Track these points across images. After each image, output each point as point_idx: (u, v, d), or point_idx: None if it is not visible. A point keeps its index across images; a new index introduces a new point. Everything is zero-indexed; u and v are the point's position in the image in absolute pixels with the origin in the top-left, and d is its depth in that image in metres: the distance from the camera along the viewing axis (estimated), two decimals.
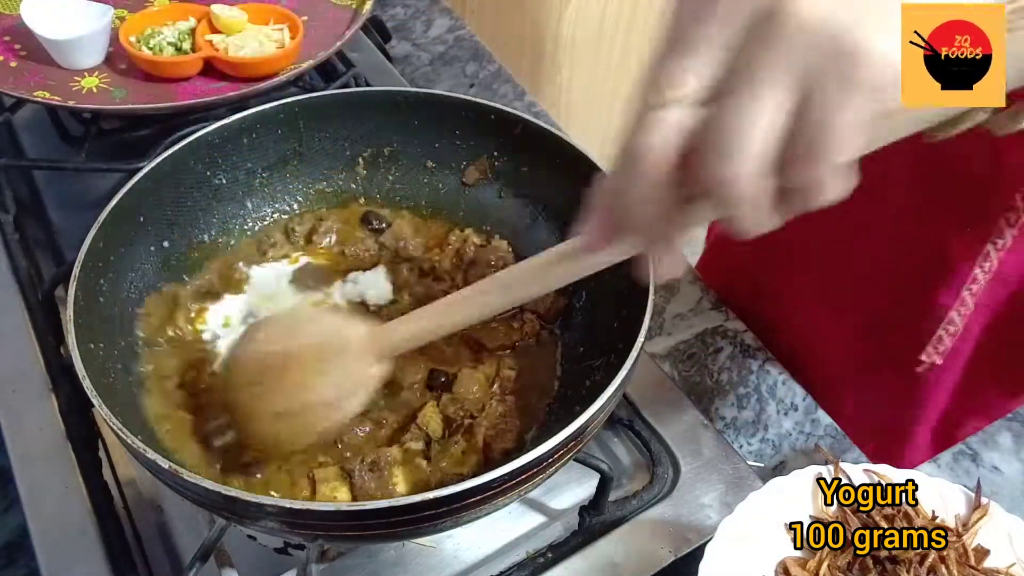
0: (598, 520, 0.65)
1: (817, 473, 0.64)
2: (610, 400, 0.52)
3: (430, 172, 0.77)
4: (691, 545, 0.64)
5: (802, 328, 0.87)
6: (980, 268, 0.72)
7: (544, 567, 0.63)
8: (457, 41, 1.18)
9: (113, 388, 0.57)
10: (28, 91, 0.87)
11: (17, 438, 0.68)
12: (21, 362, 0.74)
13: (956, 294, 0.74)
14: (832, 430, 0.77)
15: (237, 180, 0.72)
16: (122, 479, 0.69)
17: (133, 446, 0.49)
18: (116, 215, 0.62)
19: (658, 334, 0.83)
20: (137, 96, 0.89)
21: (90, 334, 0.56)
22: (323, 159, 0.76)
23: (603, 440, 0.73)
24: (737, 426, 0.77)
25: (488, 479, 0.47)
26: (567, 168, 0.69)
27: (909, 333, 0.78)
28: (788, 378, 0.81)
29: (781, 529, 0.62)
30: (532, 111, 1.07)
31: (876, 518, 0.61)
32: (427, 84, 1.11)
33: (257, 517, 0.50)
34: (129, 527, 0.65)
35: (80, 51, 0.90)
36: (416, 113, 0.74)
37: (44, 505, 0.65)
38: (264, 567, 0.63)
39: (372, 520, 0.48)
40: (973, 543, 0.61)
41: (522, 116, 0.72)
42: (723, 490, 0.68)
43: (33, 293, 0.79)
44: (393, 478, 0.58)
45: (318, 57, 0.92)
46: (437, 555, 0.65)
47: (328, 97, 0.73)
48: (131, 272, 0.65)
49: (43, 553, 0.62)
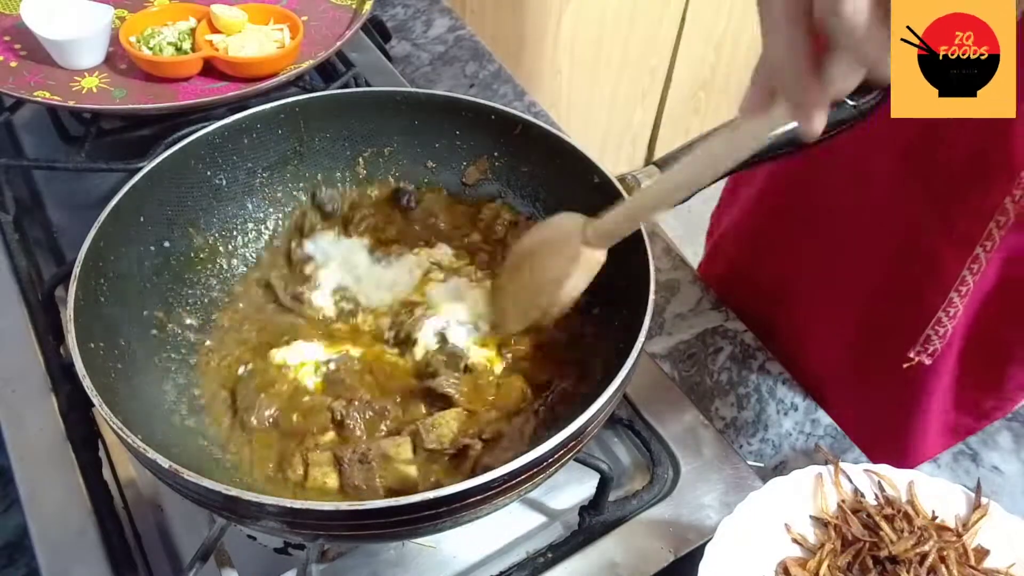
0: (598, 520, 0.65)
1: (817, 473, 0.64)
2: (610, 400, 0.52)
3: (430, 172, 0.77)
4: (691, 545, 0.64)
5: (800, 330, 0.88)
6: (969, 271, 0.72)
7: (544, 567, 0.63)
8: (457, 41, 1.18)
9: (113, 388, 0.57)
10: (28, 91, 0.87)
11: (17, 438, 0.68)
12: (21, 362, 0.74)
13: (945, 295, 0.74)
14: (832, 430, 0.77)
15: (237, 180, 0.72)
16: (122, 479, 0.69)
17: (133, 446, 0.49)
18: (116, 215, 0.62)
19: (658, 334, 0.83)
20: (137, 96, 0.89)
21: (90, 334, 0.56)
22: (323, 159, 0.76)
23: (603, 440, 0.73)
24: (737, 426, 0.77)
25: (488, 479, 0.47)
26: (567, 168, 0.69)
27: (900, 334, 0.78)
28: (788, 378, 0.81)
29: (781, 529, 0.62)
30: (532, 111, 1.07)
31: (876, 518, 0.61)
32: (427, 84, 1.11)
33: (257, 517, 0.50)
34: (129, 527, 0.65)
35: (80, 51, 0.90)
36: (416, 113, 0.74)
37: (44, 505, 0.65)
38: (264, 567, 0.63)
39: (372, 520, 0.48)
40: (973, 543, 0.61)
41: (522, 116, 0.72)
42: (723, 490, 0.68)
43: (33, 293, 0.79)
44: (381, 471, 0.58)
45: (318, 57, 0.92)
46: (437, 555, 0.65)
47: (328, 97, 0.74)
48: (131, 272, 0.65)
49: (43, 553, 0.62)
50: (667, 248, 0.92)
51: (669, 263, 0.90)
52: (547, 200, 0.73)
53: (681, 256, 0.92)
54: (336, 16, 1.01)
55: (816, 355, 0.86)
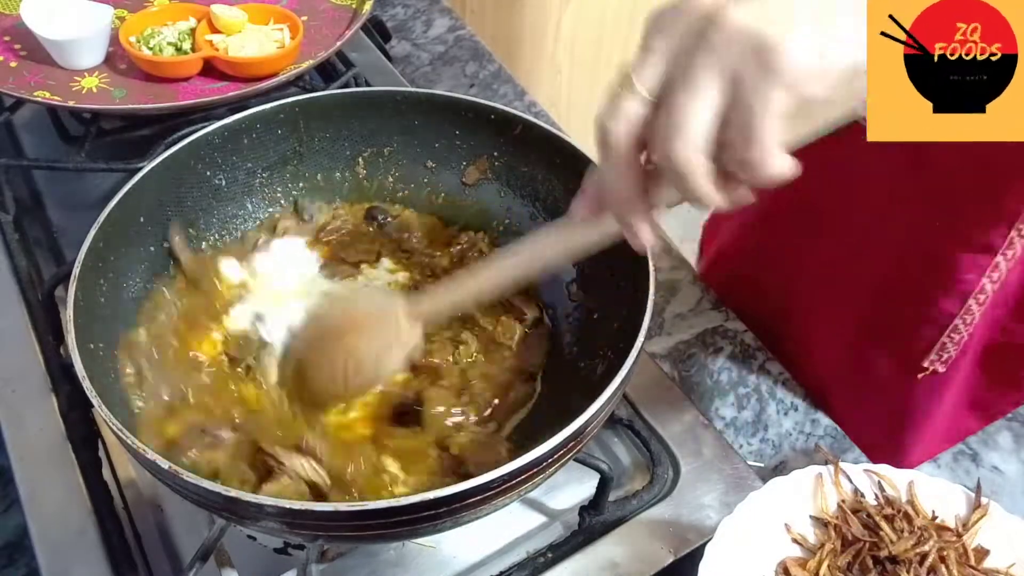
0: (598, 520, 0.65)
1: (817, 473, 0.64)
2: (610, 400, 0.52)
3: (430, 172, 0.77)
4: (691, 545, 0.64)
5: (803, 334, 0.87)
6: (989, 279, 0.72)
7: (544, 567, 0.63)
8: (457, 41, 1.18)
9: (113, 388, 0.57)
10: (28, 91, 0.87)
11: (17, 438, 0.68)
12: (21, 362, 0.74)
13: (961, 303, 0.73)
14: (832, 430, 0.77)
15: (237, 180, 0.72)
16: (122, 479, 0.68)
17: (133, 446, 0.49)
18: (116, 215, 0.62)
19: (658, 334, 0.83)
20: (137, 96, 0.89)
21: (90, 334, 0.57)
22: (323, 159, 0.76)
23: (603, 440, 0.73)
24: (737, 426, 0.77)
25: (488, 479, 0.47)
26: (567, 168, 0.69)
27: (911, 341, 0.78)
28: (788, 378, 0.81)
29: (781, 529, 0.62)
30: (532, 111, 1.07)
31: (876, 518, 0.61)
32: (427, 84, 1.11)
33: (257, 517, 0.50)
34: (129, 527, 0.65)
35: (80, 51, 0.90)
36: (416, 113, 0.74)
37: (44, 505, 0.65)
38: (264, 567, 0.63)
39: (372, 520, 0.48)
40: (973, 543, 0.61)
41: (522, 116, 0.72)
42: (723, 490, 0.68)
43: (33, 293, 0.79)
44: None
45: (318, 57, 0.92)
46: (437, 555, 0.65)
47: (328, 97, 0.74)
48: (131, 272, 0.65)
49: (43, 553, 0.62)
50: (667, 248, 0.92)
51: (669, 263, 0.90)
52: (547, 200, 0.73)
53: (681, 256, 0.92)
54: (336, 16, 1.01)
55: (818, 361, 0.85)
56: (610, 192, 0.47)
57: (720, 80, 0.39)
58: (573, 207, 0.51)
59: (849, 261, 0.81)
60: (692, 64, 0.40)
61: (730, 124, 0.40)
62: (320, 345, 0.61)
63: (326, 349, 0.61)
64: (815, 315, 0.87)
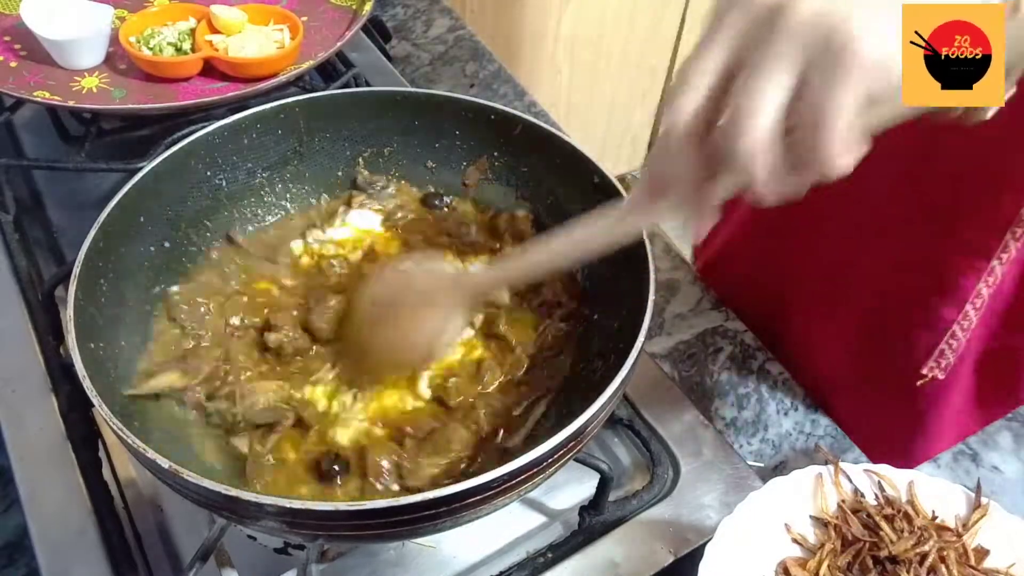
0: (598, 520, 0.65)
1: (817, 473, 0.64)
2: (610, 400, 0.52)
3: (430, 172, 0.77)
4: (691, 545, 0.64)
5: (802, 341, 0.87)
6: (985, 284, 0.71)
7: (544, 567, 0.63)
8: (457, 41, 1.18)
9: (113, 388, 0.57)
10: (28, 91, 0.87)
11: (17, 438, 0.68)
12: (21, 362, 0.74)
13: (959, 308, 0.73)
14: (832, 430, 0.77)
15: (237, 180, 0.72)
16: (122, 479, 0.69)
17: (133, 446, 0.49)
18: (116, 215, 0.62)
19: (658, 334, 0.83)
20: (137, 96, 0.89)
21: (90, 334, 0.57)
22: (323, 159, 0.76)
23: (603, 440, 0.73)
24: (737, 426, 0.77)
25: (488, 479, 0.47)
26: (567, 168, 0.69)
27: (911, 347, 0.78)
28: (788, 378, 0.81)
29: (781, 529, 0.62)
30: (532, 111, 1.07)
31: (876, 518, 0.61)
32: (427, 84, 1.11)
33: (257, 517, 0.50)
34: (129, 527, 0.65)
35: (80, 51, 0.90)
36: (416, 113, 0.74)
37: (44, 505, 0.65)
38: (264, 567, 0.63)
39: (372, 520, 0.48)
40: (973, 543, 0.61)
41: (522, 116, 0.72)
42: (723, 490, 0.68)
43: (33, 293, 0.79)
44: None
45: (318, 57, 0.92)
46: (437, 555, 0.65)
47: (328, 97, 0.74)
48: (131, 272, 0.65)
49: (43, 553, 0.62)
50: (667, 248, 0.92)
51: (669, 263, 0.90)
52: (547, 200, 0.73)
53: (681, 256, 0.92)
54: (336, 16, 1.01)
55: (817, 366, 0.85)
56: (678, 181, 0.46)
57: (792, 66, 0.39)
58: (631, 198, 0.51)
59: (848, 265, 0.81)
60: (763, 50, 0.40)
61: (799, 112, 0.39)
62: (370, 323, 0.62)
63: (376, 326, 0.62)
64: (815, 318, 0.87)
